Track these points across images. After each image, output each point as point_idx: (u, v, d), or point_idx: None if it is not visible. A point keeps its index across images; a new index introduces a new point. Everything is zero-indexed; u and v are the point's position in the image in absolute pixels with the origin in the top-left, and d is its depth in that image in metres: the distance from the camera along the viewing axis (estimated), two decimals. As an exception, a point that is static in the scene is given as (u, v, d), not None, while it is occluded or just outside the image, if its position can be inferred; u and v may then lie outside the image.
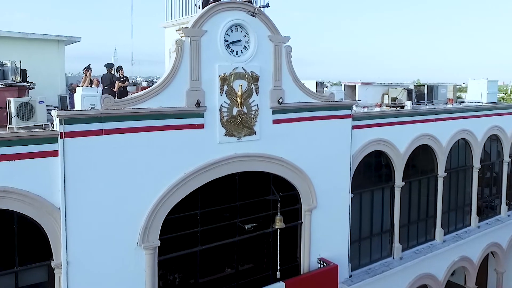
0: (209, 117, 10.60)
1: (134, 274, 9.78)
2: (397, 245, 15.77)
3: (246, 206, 11.69)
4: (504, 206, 20.81)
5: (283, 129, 11.98)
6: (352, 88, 20.98)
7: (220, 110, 10.74)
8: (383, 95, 21.28)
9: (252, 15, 10.93)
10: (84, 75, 11.63)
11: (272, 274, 12.16)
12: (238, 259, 11.79)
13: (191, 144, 10.39)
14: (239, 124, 11.04)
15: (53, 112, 8.81)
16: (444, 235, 17.60)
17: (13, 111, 9.42)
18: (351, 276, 14.20)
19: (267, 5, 11.41)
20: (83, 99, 8.89)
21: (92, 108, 8.90)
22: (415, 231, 16.79)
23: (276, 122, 11.82)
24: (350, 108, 13.59)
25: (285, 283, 11.65)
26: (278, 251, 12.06)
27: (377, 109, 17.22)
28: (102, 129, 9.14)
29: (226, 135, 10.89)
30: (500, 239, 20.11)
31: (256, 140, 11.42)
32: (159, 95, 9.88)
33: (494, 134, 19.80)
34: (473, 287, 19.08)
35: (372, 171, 15.23)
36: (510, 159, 20.81)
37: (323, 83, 22.85)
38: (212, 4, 10.52)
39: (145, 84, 18.33)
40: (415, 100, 20.77)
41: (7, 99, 9.73)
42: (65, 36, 14.01)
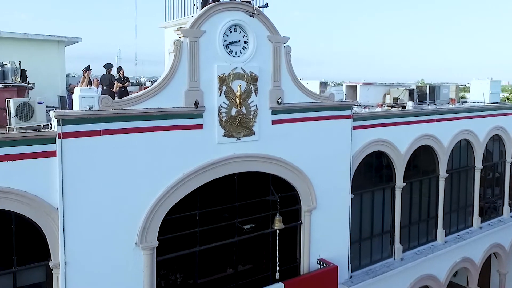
0: (208, 118, 10.59)
1: (133, 274, 9.78)
2: (398, 246, 15.71)
3: (245, 207, 11.67)
4: (506, 207, 20.69)
5: (282, 130, 11.96)
6: (353, 88, 20.93)
7: (219, 110, 10.73)
8: (384, 95, 21.22)
9: (250, 15, 10.92)
10: (83, 75, 11.66)
11: (272, 275, 12.13)
12: (237, 260, 11.77)
13: (190, 144, 10.39)
14: (238, 124, 11.03)
15: (51, 113, 8.82)
16: (445, 236, 17.51)
17: (13, 111, 9.46)
18: (351, 277, 14.15)
19: (266, 5, 11.40)
20: (81, 99, 8.90)
21: (90, 108, 8.91)
22: (416, 232, 16.72)
23: (275, 122, 11.80)
24: (350, 109, 13.55)
25: (284, 284, 11.63)
26: (278, 251, 12.03)
27: (378, 109, 17.18)
28: (100, 130, 9.16)
29: (225, 135, 10.88)
30: (502, 240, 19.98)
31: (255, 140, 11.40)
32: (157, 95, 9.88)
33: (496, 134, 19.69)
34: (475, 288, 19.00)
35: (373, 171, 15.18)
36: (512, 159, 20.70)
37: (326, 83, 22.83)
38: (211, 4, 10.51)
39: (148, 84, 18.33)
40: (417, 100, 20.71)
41: (6, 99, 9.78)
42: (65, 36, 14.05)
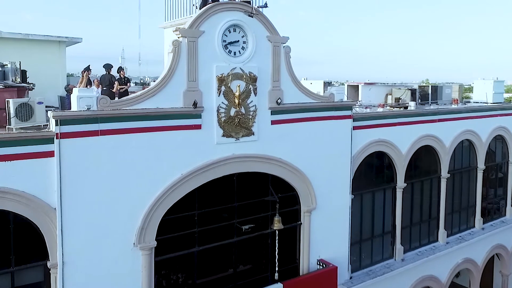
0: (207, 118, 10.59)
1: (131, 274, 9.79)
2: (398, 246, 15.64)
3: (244, 207, 11.66)
4: (509, 208, 20.58)
5: (282, 130, 11.94)
6: (355, 88, 20.88)
7: (218, 110, 10.72)
8: (386, 95, 21.15)
9: (249, 15, 10.90)
10: (81, 76, 11.68)
11: (271, 275, 12.11)
12: (237, 260, 11.75)
13: (188, 144, 10.39)
14: (237, 124, 11.01)
15: (49, 113, 8.84)
16: (447, 236, 17.44)
17: (12, 111, 9.51)
18: (351, 278, 14.11)
19: (265, 5, 11.37)
20: (79, 100, 8.91)
21: (88, 109, 8.92)
22: (417, 233, 16.65)
23: (274, 122, 11.77)
24: (350, 109, 13.50)
25: (283, 284, 11.61)
26: (277, 252, 12.01)
27: (380, 109, 17.13)
28: (98, 130, 9.17)
29: (223, 135, 10.87)
30: (505, 241, 19.88)
31: (254, 140, 11.38)
32: (156, 95, 9.89)
33: (499, 134, 19.57)
34: (477, 289, 18.91)
35: (374, 172, 15.13)
36: (516, 160, 20.56)
37: (330, 83, 22.78)
38: (210, 4, 10.50)
39: (152, 84, 18.30)
40: (419, 100, 20.64)
41: (6, 99, 9.83)
42: (66, 37, 14.09)
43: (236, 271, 11.74)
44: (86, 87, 11.92)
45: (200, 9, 10.68)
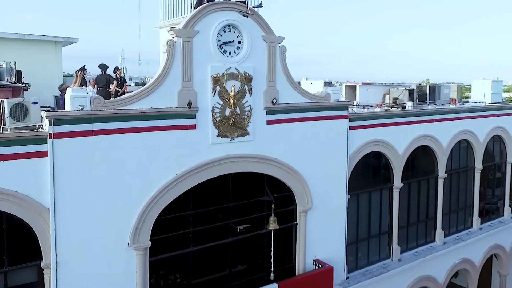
0: (201, 118, 10.57)
1: (125, 274, 9.77)
2: (395, 246, 15.62)
3: (239, 207, 11.64)
4: (507, 208, 20.54)
5: (277, 130, 11.92)
6: (353, 88, 20.86)
7: (213, 110, 10.70)
8: (384, 95, 21.14)
9: (244, 15, 10.88)
10: (75, 76, 11.68)
11: (266, 276, 12.09)
12: (232, 261, 11.73)
13: (183, 145, 10.36)
14: (232, 124, 11.00)
15: (42, 113, 8.83)
16: (444, 237, 17.40)
17: (7, 111, 9.50)
18: (348, 278, 14.08)
19: (260, 5, 11.36)
20: (73, 100, 8.90)
21: (81, 109, 8.90)
22: (414, 233, 16.63)
23: (270, 122, 11.76)
24: (346, 109, 13.47)
25: (278, 285, 11.60)
26: (272, 252, 11.99)
27: (378, 109, 17.12)
28: (92, 130, 9.16)
29: (218, 135, 10.85)
30: (503, 241, 19.84)
31: (250, 140, 11.37)
32: (150, 95, 9.87)
33: (497, 134, 19.53)
34: (474, 290, 18.88)
35: (370, 172, 15.09)
36: (514, 160, 20.52)
37: (330, 82, 22.76)
38: (204, 4, 10.49)
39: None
40: (417, 100, 20.63)
41: (0, 99, 9.82)
42: (62, 37, 14.08)
43: (231, 271, 11.72)
44: (82, 87, 11.93)
45: (195, 9, 10.67)
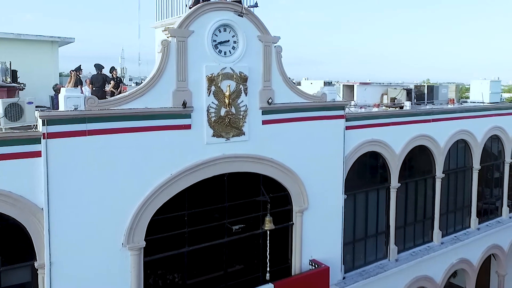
0: (196, 118, 10.56)
1: (119, 275, 9.76)
2: (392, 246, 15.60)
3: (235, 207, 11.63)
4: (505, 208, 20.51)
5: (273, 130, 11.90)
6: (350, 88, 20.83)
7: (208, 110, 10.69)
8: (382, 95, 21.10)
9: (239, 15, 10.86)
10: (70, 76, 11.67)
11: (262, 276, 12.08)
12: (227, 261, 11.72)
13: (178, 145, 10.35)
14: (227, 124, 10.98)
15: (36, 113, 8.82)
16: (442, 237, 17.37)
17: (1, 111, 9.49)
18: (344, 278, 14.07)
19: (256, 5, 11.34)
20: (66, 100, 8.89)
21: (75, 109, 8.89)
22: (411, 233, 16.61)
23: (266, 122, 11.74)
24: (343, 109, 13.45)
25: (274, 285, 11.58)
26: (268, 252, 11.98)
27: (375, 109, 17.09)
28: (86, 130, 9.15)
29: (214, 135, 10.84)
30: (501, 241, 19.82)
31: (245, 140, 11.35)
32: (144, 95, 9.86)
33: (495, 134, 19.50)
34: (472, 290, 18.85)
35: (367, 172, 15.08)
36: (511, 160, 20.48)
37: (330, 82, 22.73)
38: (199, 4, 10.47)
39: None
40: (415, 100, 20.58)
41: (-5, 100, 9.82)
42: (58, 37, 14.08)
43: (226, 271, 11.71)
44: (77, 86, 11.92)
45: (190, 8, 10.65)
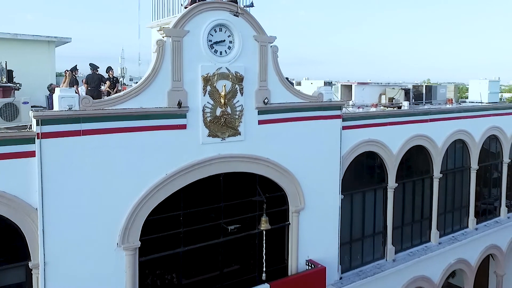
0: (192, 118, 10.54)
1: (114, 275, 9.75)
2: (390, 247, 15.57)
3: (231, 207, 11.61)
4: (504, 208, 20.46)
5: (269, 130, 11.88)
6: (348, 88, 20.82)
7: (203, 110, 10.67)
8: (380, 95, 21.09)
9: (235, 15, 10.85)
10: (64, 75, 11.66)
11: (258, 276, 12.06)
12: (223, 261, 11.70)
13: (173, 144, 10.34)
14: (222, 124, 10.97)
15: (30, 113, 8.81)
16: (440, 237, 17.35)
17: (-3, 111, 9.52)
18: (341, 278, 14.05)
19: (251, 4, 11.34)
20: (61, 99, 8.88)
21: (69, 108, 8.88)
22: (409, 233, 16.57)
23: (262, 122, 11.72)
24: (339, 109, 13.43)
25: (270, 285, 11.56)
26: (264, 252, 11.96)
27: (373, 109, 17.10)
28: (80, 130, 9.14)
29: (209, 135, 10.82)
30: (499, 241, 19.79)
31: (241, 140, 11.33)
32: (139, 95, 9.84)
33: (493, 134, 19.47)
34: (471, 290, 18.82)
35: (364, 172, 15.05)
36: (510, 160, 20.45)
37: (331, 82, 22.74)
38: (195, 4, 10.46)
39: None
40: (413, 100, 20.58)
41: (-10, 99, 9.84)
42: (55, 36, 14.07)
43: (222, 271, 11.69)
44: (73, 86, 11.91)
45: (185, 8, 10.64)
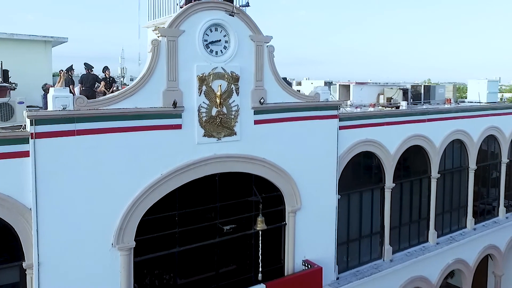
0: (187, 118, 10.52)
1: (109, 275, 9.73)
2: (387, 247, 15.54)
3: (226, 207, 11.59)
4: (502, 208, 20.43)
5: (265, 130, 11.86)
6: (346, 88, 20.79)
7: (199, 110, 10.65)
8: (378, 95, 21.06)
9: (230, 14, 10.82)
10: (59, 75, 11.65)
11: (254, 276, 12.03)
12: (219, 261, 11.68)
13: (168, 144, 10.31)
14: (218, 124, 10.94)
15: (24, 113, 8.80)
16: (437, 237, 17.32)
17: (-9, 111, 9.50)
18: (338, 278, 14.02)
19: (247, 4, 11.31)
20: (55, 99, 8.86)
21: (63, 108, 8.86)
22: (407, 233, 16.55)
23: (258, 122, 11.70)
24: (336, 108, 13.40)
25: (266, 285, 11.55)
26: (260, 252, 11.94)
27: (371, 109, 17.05)
28: (75, 130, 9.12)
29: (205, 135, 10.80)
30: (497, 241, 19.76)
31: (237, 140, 11.31)
32: (134, 95, 9.82)
33: (491, 134, 19.43)
34: (469, 290, 18.79)
35: (361, 172, 15.03)
36: (508, 160, 20.42)
37: (331, 82, 22.72)
38: (190, 4, 10.44)
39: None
40: (411, 100, 20.55)
41: (-15, 99, 9.82)
42: (51, 36, 14.06)
43: (218, 272, 11.67)
44: (69, 86, 11.90)
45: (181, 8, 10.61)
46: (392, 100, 20.28)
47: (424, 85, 21.48)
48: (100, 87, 12.67)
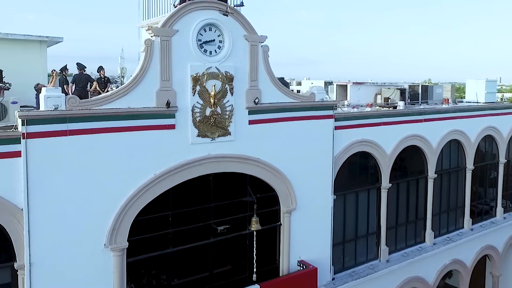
0: (181, 118, 10.48)
1: (102, 276, 9.69)
2: (383, 247, 15.49)
3: (221, 208, 11.55)
4: (500, 208, 20.37)
5: (260, 130, 11.82)
6: (344, 88, 20.74)
7: (193, 110, 10.61)
8: (376, 95, 21.01)
9: (224, 14, 10.78)
10: (52, 75, 11.61)
11: (249, 277, 11.99)
12: (214, 262, 11.64)
13: (162, 145, 10.27)
14: (212, 124, 10.90)
15: (15, 113, 8.76)
16: (434, 237, 17.26)
17: (-16, 111, 9.47)
18: (333, 279, 13.97)
19: (242, 4, 11.27)
20: (47, 99, 8.82)
21: (55, 108, 8.82)
22: (403, 234, 16.50)
23: (252, 122, 11.65)
24: (332, 108, 13.35)
25: (260, 286, 11.50)
26: (255, 253, 11.89)
27: (368, 109, 17.02)
28: (67, 130, 9.08)
29: (198, 135, 10.76)
30: (495, 242, 19.70)
31: (231, 141, 11.27)
32: (127, 95, 9.78)
33: (489, 134, 19.37)
34: (466, 290, 18.73)
35: (357, 172, 14.98)
36: (506, 160, 20.36)
37: (331, 82, 22.71)
38: (184, 3, 10.39)
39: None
40: (409, 100, 20.49)
41: (-22, 99, 9.80)
42: (47, 36, 14.00)
43: (212, 272, 11.63)
44: (63, 86, 11.86)
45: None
46: (389, 100, 20.24)
47: (422, 85, 21.40)
48: (92, 87, 12.61)
